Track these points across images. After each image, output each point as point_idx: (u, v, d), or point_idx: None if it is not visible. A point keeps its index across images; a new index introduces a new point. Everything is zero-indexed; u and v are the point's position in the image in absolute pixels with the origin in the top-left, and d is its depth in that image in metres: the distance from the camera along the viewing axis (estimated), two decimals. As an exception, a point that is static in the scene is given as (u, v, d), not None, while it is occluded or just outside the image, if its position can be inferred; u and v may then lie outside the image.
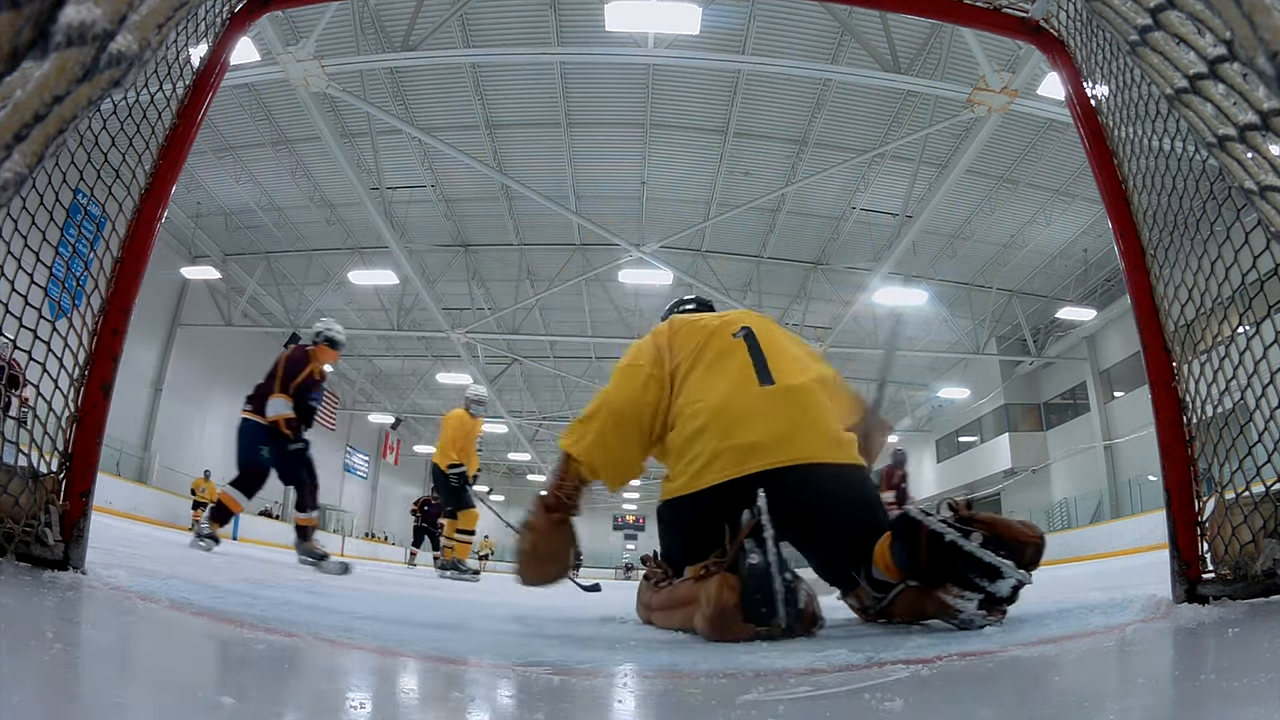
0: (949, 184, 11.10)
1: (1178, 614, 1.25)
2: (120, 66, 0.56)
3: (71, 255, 1.51)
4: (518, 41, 10.23)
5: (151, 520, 12.92)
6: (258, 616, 1.37)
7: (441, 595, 3.28)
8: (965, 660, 1.01)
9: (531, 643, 1.51)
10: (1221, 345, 1.36)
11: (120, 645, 0.96)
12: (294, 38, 9.19)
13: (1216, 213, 1.32)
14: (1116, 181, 1.70)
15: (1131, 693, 0.81)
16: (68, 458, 1.44)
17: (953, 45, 9.54)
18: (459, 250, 16.17)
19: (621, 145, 12.80)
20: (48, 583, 1.23)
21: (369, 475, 29.00)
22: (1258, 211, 0.98)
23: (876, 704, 0.75)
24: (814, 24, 10.04)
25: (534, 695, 0.88)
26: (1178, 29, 0.94)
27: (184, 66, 1.71)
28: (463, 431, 6.78)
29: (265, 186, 14.41)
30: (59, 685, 0.64)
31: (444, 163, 13.14)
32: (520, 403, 24.56)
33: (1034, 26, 1.98)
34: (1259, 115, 0.85)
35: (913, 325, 18.03)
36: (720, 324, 1.95)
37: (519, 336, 17.88)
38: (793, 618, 1.40)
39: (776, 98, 11.55)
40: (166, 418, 16.90)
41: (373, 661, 1.07)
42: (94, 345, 1.50)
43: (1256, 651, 0.90)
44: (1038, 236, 14.88)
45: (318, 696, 0.76)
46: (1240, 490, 1.30)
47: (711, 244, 15.48)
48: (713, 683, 0.94)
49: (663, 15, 8.72)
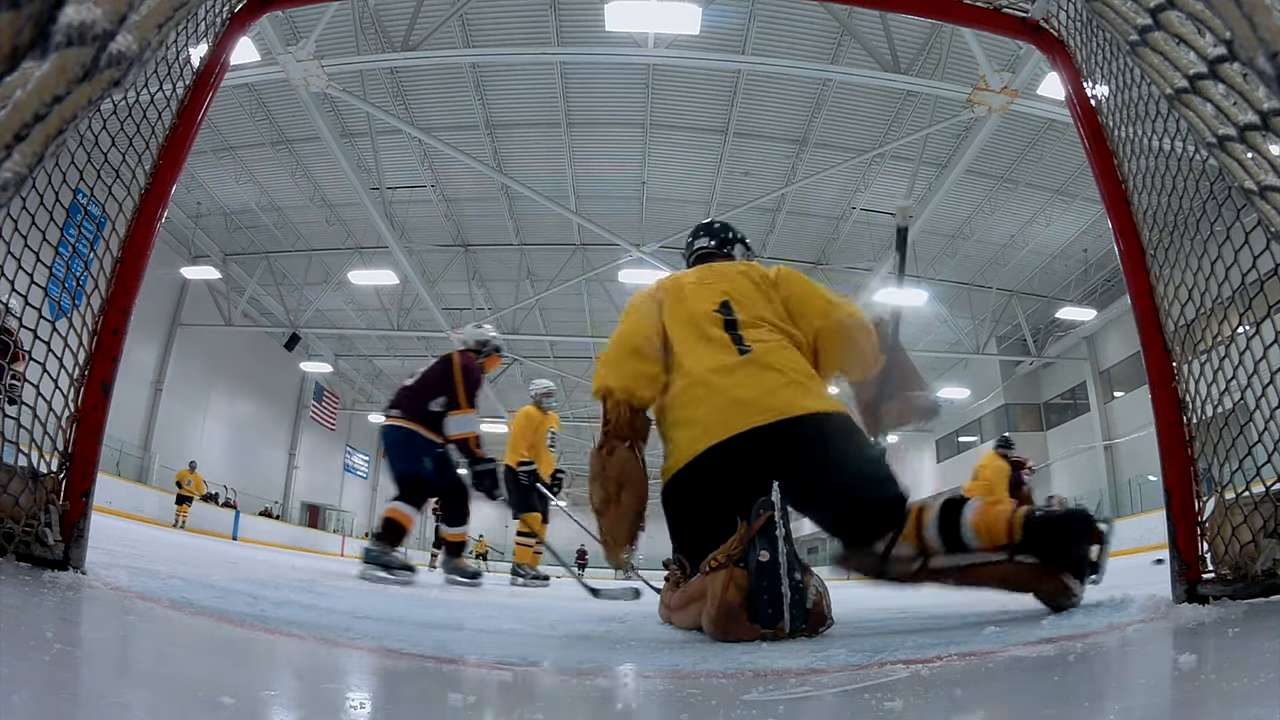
0: (949, 184, 11.10)
1: (1178, 614, 1.25)
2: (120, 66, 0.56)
3: (71, 255, 1.51)
4: (518, 41, 10.23)
5: (151, 520, 12.92)
6: (258, 616, 1.37)
7: (441, 595, 3.28)
8: (965, 660, 1.01)
9: (531, 643, 1.51)
10: (1221, 345, 1.36)
11: (120, 645, 0.96)
12: (294, 38, 9.20)
13: (1216, 213, 1.32)
14: (1116, 181, 1.70)
15: (1131, 693, 0.81)
16: (68, 458, 1.44)
17: (953, 45, 9.55)
18: (459, 250, 16.17)
19: (621, 145, 12.80)
20: (48, 583, 1.23)
21: (369, 475, 29.00)
22: (1258, 211, 0.98)
23: (876, 704, 0.75)
24: (814, 24, 10.04)
25: (534, 695, 0.88)
26: (1178, 29, 0.94)
27: (184, 66, 1.71)
28: (531, 427, 6.40)
29: (265, 186, 14.41)
30: (59, 685, 0.64)
31: (444, 163, 13.14)
32: (520, 403, 24.51)
33: (1034, 26, 1.98)
34: (1259, 115, 0.85)
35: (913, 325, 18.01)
36: (702, 293, 1.99)
37: (519, 336, 17.87)
38: (799, 619, 1.39)
39: (776, 98, 11.55)
40: (166, 418, 16.90)
41: (373, 661, 1.07)
42: (94, 345, 1.50)
43: (1256, 651, 0.90)
44: (1038, 236, 14.88)
45: (318, 696, 0.76)
46: (1240, 490, 1.30)
47: (710, 244, 15.47)
48: (713, 682, 0.94)
49: (663, 15, 8.72)
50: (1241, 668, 0.79)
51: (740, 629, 1.39)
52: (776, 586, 1.37)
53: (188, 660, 0.90)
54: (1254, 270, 1.24)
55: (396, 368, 24.46)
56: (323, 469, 25.39)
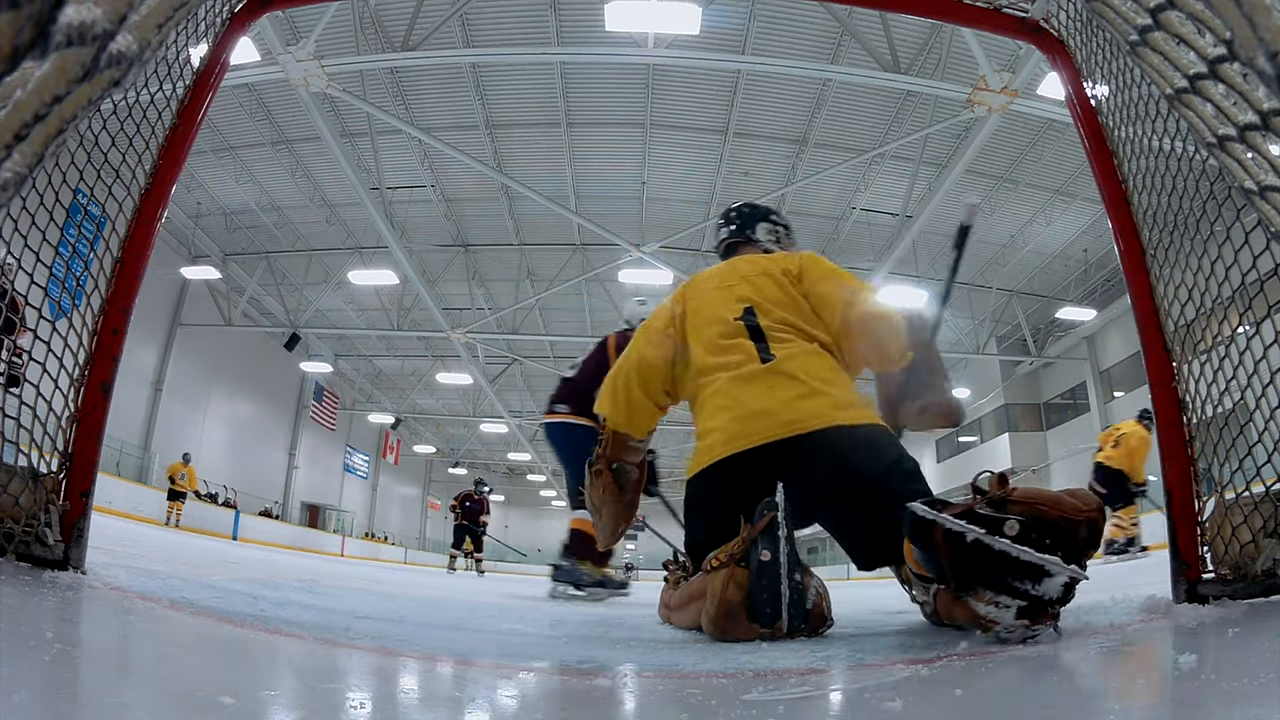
0: (949, 184, 11.10)
1: (1178, 614, 1.25)
2: (120, 66, 0.56)
3: (71, 255, 1.50)
4: (518, 41, 10.23)
5: (151, 520, 12.92)
6: (258, 616, 1.37)
7: (441, 595, 3.28)
8: (965, 660, 1.01)
9: (531, 642, 1.51)
10: (1221, 345, 1.36)
11: (120, 645, 0.96)
12: (294, 38, 9.20)
13: (1216, 213, 1.32)
14: (1116, 181, 1.70)
15: (1131, 693, 0.81)
16: (68, 458, 1.43)
17: (953, 45, 9.55)
18: (459, 250, 16.17)
19: (621, 145, 12.80)
20: (48, 583, 1.23)
21: (369, 475, 29.01)
22: (1258, 211, 0.98)
23: (876, 704, 0.75)
24: (814, 24, 10.04)
25: (534, 695, 0.88)
26: (1178, 29, 0.94)
27: (184, 66, 1.71)
28: None
29: (265, 186, 14.41)
30: (59, 685, 0.64)
31: (444, 163, 13.14)
32: (520, 403, 24.56)
33: (1034, 26, 1.98)
34: (1259, 115, 0.85)
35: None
36: (723, 299, 1.93)
37: (519, 336, 17.88)
38: (798, 620, 1.38)
39: (776, 98, 11.55)
40: (166, 418, 16.91)
41: (373, 661, 1.07)
42: (94, 345, 1.50)
43: (1256, 651, 0.89)
44: (1038, 236, 14.88)
45: (318, 696, 0.76)
46: (1240, 490, 1.30)
47: (711, 244, 15.47)
48: (713, 682, 0.94)
49: (663, 15, 8.72)
50: (1241, 668, 0.79)
51: (739, 628, 1.39)
52: (776, 586, 1.36)
53: (188, 660, 0.90)
54: (1254, 270, 1.23)
55: (397, 368, 24.49)
56: (323, 469, 25.40)
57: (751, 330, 1.84)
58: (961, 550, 1.09)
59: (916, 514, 1.16)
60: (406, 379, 24.92)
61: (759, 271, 1.97)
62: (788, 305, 1.89)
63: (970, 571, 1.11)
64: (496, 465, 34.86)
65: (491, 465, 34.69)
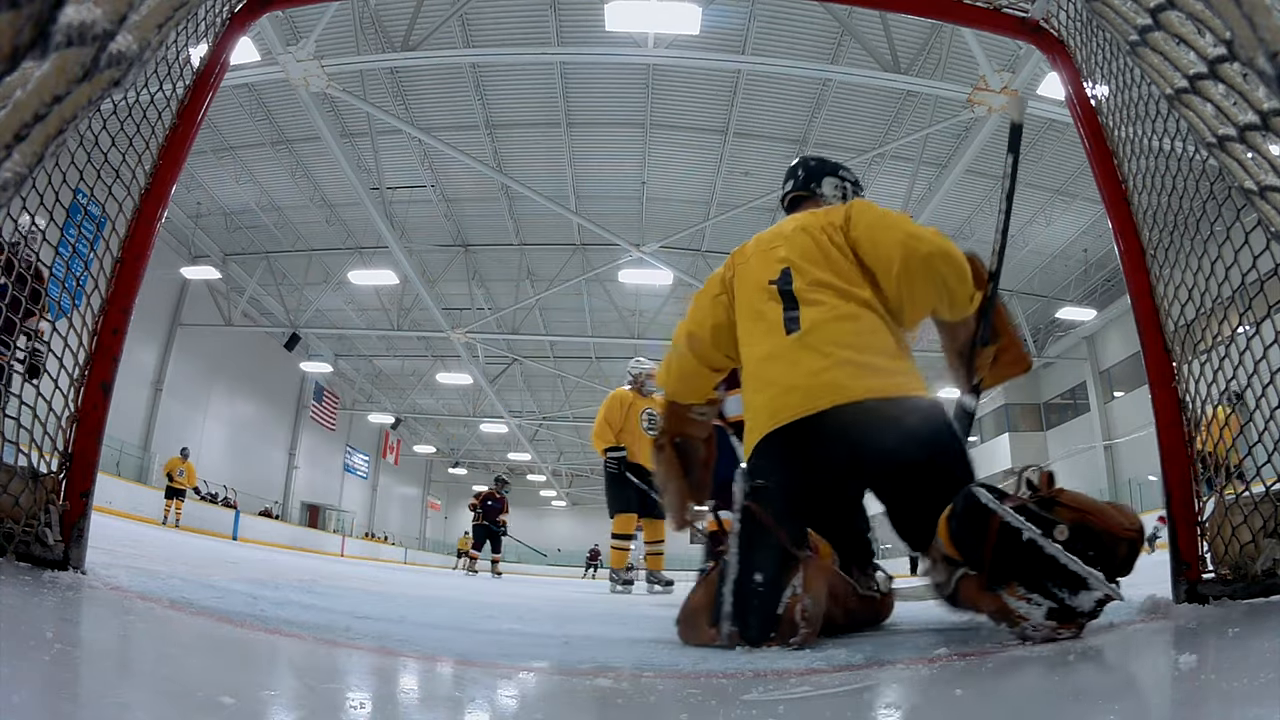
0: (949, 184, 11.09)
1: (1178, 614, 1.25)
2: (120, 66, 0.56)
3: (71, 255, 1.50)
4: (518, 41, 10.22)
5: (151, 520, 12.92)
6: (258, 616, 1.37)
7: (441, 595, 3.28)
8: (965, 660, 1.01)
9: (532, 642, 1.51)
10: (1221, 345, 1.36)
11: (120, 645, 0.96)
12: (294, 38, 9.19)
13: (1216, 213, 1.32)
14: (1116, 181, 1.70)
15: (1132, 693, 0.81)
16: (68, 458, 1.43)
17: (953, 45, 9.54)
18: (459, 250, 16.17)
19: (621, 145, 12.79)
20: (48, 583, 1.23)
21: (369, 475, 29.00)
22: (1258, 211, 0.98)
23: (876, 704, 0.75)
24: (814, 24, 10.04)
25: (534, 695, 0.88)
26: (1178, 29, 0.94)
27: (184, 66, 1.71)
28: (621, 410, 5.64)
29: (265, 186, 14.40)
30: (59, 685, 0.64)
31: (444, 163, 13.13)
32: (520, 403, 24.56)
33: (1034, 26, 1.98)
34: (1259, 115, 0.85)
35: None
36: (762, 262, 1.79)
37: (519, 336, 17.88)
38: (755, 628, 1.26)
39: (776, 98, 11.55)
40: (166, 418, 16.90)
41: (373, 661, 1.07)
42: (94, 345, 1.50)
43: (1256, 651, 0.89)
44: (1038, 236, 14.87)
45: (318, 696, 0.76)
46: (1240, 490, 1.30)
47: (711, 244, 15.47)
48: (713, 682, 0.94)
49: (663, 15, 8.72)
50: (1241, 668, 0.79)
51: (700, 633, 1.32)
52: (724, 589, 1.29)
53: (188, 660, 0.90)
54: (1254, 270, 1.23)
55: (397, 368, 24.47)
56: (323, 469, 25.40)
57: (784, 296, 1.68)
58: (1012, 545, 1.07)
59: (979, 500, 1.13)
60: (406, 379, 24.91)
61: (798, 228, 1.79)
62: (824, 263, 1.69)
63: (1011, 566, 1.09)
64: (496, 465, 34.83)
65: (491, 465, 34.67)
